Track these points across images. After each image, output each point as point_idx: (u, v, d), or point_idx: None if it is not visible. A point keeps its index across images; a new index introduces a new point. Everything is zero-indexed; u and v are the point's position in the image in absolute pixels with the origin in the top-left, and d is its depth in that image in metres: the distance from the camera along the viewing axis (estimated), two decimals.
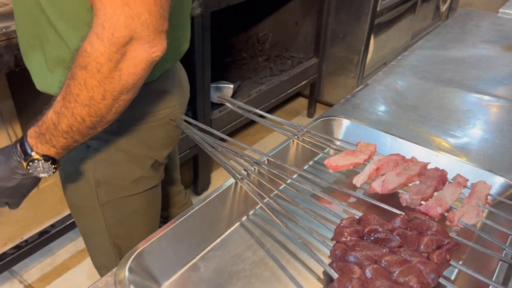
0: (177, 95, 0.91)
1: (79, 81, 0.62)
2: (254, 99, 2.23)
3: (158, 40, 0.61)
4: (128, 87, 0.63)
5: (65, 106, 0.65)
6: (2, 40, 1.13)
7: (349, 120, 0.97)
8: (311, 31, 2.59)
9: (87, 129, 0.68)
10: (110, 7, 0.57)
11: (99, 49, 0.59)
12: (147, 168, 0.91)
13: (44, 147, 0.69)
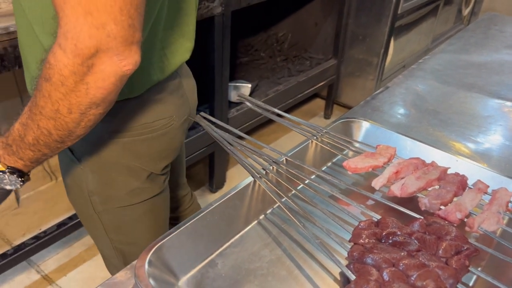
0: (175, 105, 0.85)
1: (43, 93, 0.58)
2: (271, 99, 2.23)
3: (129, 53, 0.56)
4: (97, 102, 0.59)
5: (31, 118, 0.62)
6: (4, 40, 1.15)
7: (369, 123, 0.97)
8: (331, 32, 2.58)
9: (55, 143, 0.64)
10: (72, 16, 0.52)
11: (62, 61, 0.55)
12: (142, 179, 0.87)
13: (11, 159, 0.67)
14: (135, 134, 0.81)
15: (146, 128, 0.81)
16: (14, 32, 1.13)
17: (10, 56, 1.14)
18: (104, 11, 0.52)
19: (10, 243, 1.78)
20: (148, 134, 0.82)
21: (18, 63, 1.16)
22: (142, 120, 0.80)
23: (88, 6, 0.51)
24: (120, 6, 0.53)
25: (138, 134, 0.81)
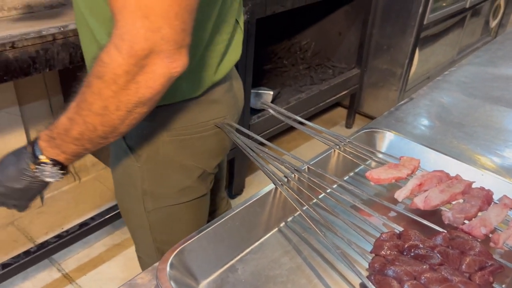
0: (228, 105, 0.89)
1: (94, 90, 0.61)
2: (292, 107, 2.23)
3: (179, 56, 0.59)
4: (144, 101, 0.61)
5: (78, 113, 0.64)
6: (59, 39, 1.19)
7: (393, 133, 0.96)
8: (355, 42, 2.57)
9: (98, 138, 0.66)
10: (130, 19, 0.55)
11: (117, 61, 0.57)
12: (194, 178, 0.90)
13: (53, 152, 0.68)
14: (192, 133, 0.84)
15: (202, 127, 0.85)
16: (46, 36, 1.16)
17: (41, 59, 1.17)
18: (161, 16, 0.55)
19: (33, 241, 1.83)
20: (203, 132, 0.86)
21: (49, 65, 1.20)
22: (199, 119, 0.84)
23: (146, 10, 0.54)
24: (176, 12, 0.56)
25: (195, 133, 0.85)
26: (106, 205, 1.98)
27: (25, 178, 0.70)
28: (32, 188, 0.73)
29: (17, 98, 1.73)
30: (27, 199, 0.75)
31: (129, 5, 0.54)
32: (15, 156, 0.71)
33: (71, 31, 1.21)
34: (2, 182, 0.71)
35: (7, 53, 1.10)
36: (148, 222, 0.95)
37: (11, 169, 0.71)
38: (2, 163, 0.73)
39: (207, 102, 0.84)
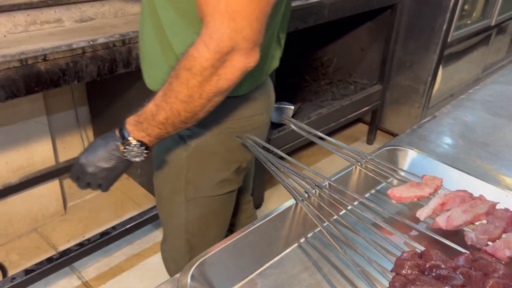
0: (266, 103, 1.00)
1: (182, 80, 0.71)
2: (313, 122, 2.24)
3: (253, 52, 0.70)
4: (222, 91, 0.72)
5: (165, 100, 0.74)
6: (88, 52, 1.23)
7: (415, 151, 0.96)
8: (377, 58, 2.57)
9: (180, 123, 0.77)
10: (219, 20, 0.66)
11: (205, 56, 0.68)
12: (232, 170, 0.99)
13: (140, 134, 0.79)
14: (237, 127, 0.94)
15: (246, 121, 0.95)
16: (76, 49, 1.20)
17: (71, 71, 1.21)
18: (245, 18, 0.66)
19: (56, 248, 1.86)
20: (246, 127, 0.95)
21: (78, 77, 1.24)
22: (244, 114, 0.94)
23: (233, 14, 0.66)
24: (257, 15, 0.67)
25: (238, 127, 0.94)
26: (127, 214, 2.00)
27: (113, 158, 0.82)
28: (118, 168, 0.84)
29: (46, 108, 1.78)
30: (112, 178, 0.86)
31: (220, 9, 0.66)
32: (103, 140, 0.82)
33: (99, 45, 1.25)
34: (94, 162, 0.82)
35: (39, 65, 1.15)
36: (186, 211, 1.02)
37: (101, 150, 0.82)
38: (91, 146, 0.84)
39: (250, 99, 0.94)
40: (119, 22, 1.69)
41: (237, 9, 0.66)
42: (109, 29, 1.60)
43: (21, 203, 1.86)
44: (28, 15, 1.52)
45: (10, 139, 1.72)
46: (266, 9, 0.69)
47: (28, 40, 1.39)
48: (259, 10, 0.67)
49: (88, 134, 2.01)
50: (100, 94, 1.87)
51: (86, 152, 0.84)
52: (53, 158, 1.90)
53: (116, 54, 1.30)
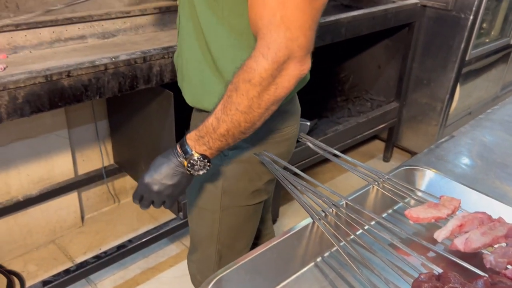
0: (296, 115, 1.04)
1: (242, 92, 0.75)
2: (329, 138, 2.24)
3: (307, 59, 0.74)
4: (279, 99, 0.76)
5: (225, 113, 0.78)
6: (110, 68, 1.26)
7: (433, 172, 0.96)
8: (394, 75, 2.57)
9: (239, 134, 0.80)
10: (275, 31, 0.70)
11: (264, 66, 0.71)
12: (264, 181, 1.02)
13: (201, 148, 0.83)
14: (270, 138, 0.98)
15: (279, 132, 0.99)
16: (99, 66, 1.23)
17: (93, 87, 1.24)
18: (299, 27, 0.70)
19: (72, 260, 1.88)
20: (278, 138, 0.99)
21: (100, 93, 1.27)
22: (278, 126, 0.98)
23: (288, 23, 0.69)
24: (310, 24, 0.71)
25: (271, 138, 0.98)
26: (143, 228, 2.02)
27: (177, 174, 0.85)
28: (182, 183, 0.87)
29: (67, 122, 1.83)
30: (176, 194, 0.88)
31: (275, 21, 0.70)
32: (165, 158, 0.86)
33: (121, 62, 1.29)
34: (159, 180, 0.86)
35: (63, 81, 1.18)
36: (219, 221, 1.04)
37: (165, 168, 0.85)
38: (153, 165, 0.87)
39: (282, 111, 0.96)
40: (140, 39, 1.74)
41: (292, 20, 0.69)
42: (130, 46, 1.64)
43: (40, 215, 1.89)
44: (53, 32, 1.57)
45: (32, 151, 1.76)
46: (317, 17, 0.73)
47: (52, 56, 1.43)
48: (311, 19, 0.71)
49: (107, 147, 2.05)
50: (120, 109, 1.91)
51: (149, 171, 0.87)
52: (73, 171, 1.93)
53: (137, 71, 1.33)
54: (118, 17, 1.71)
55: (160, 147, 1.64)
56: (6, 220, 1.78)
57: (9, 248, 1.84)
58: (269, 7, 0.70)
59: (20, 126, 1.69)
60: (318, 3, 0.72)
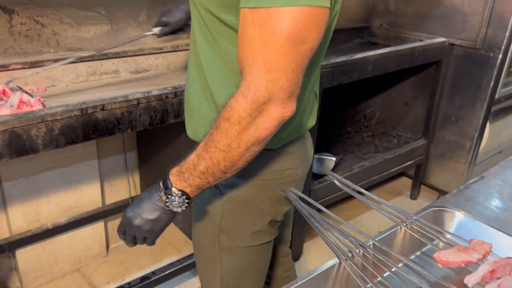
0: (301, 157, 1.01)
1: (221, 130, 0.75)
2: (355, 174, 2.22)
3: (290, 103, 0.73)
4: (260, 140, 0.75)
5: (206, 150, 0.78)
6: (142, 103, 1.31)
7: (462, 214, 0.94)
8: (421, 112, 2.56)
9: (220, 173, 0.79)
10: (256, 72, 0.70)
11: (243, 105, 0.72)
12: (265, 222, 1.00)
13: (182, 184, 0.82)
14: (270, 179, 0.96)
15: (280, 174, 0.97)
16: (132, 100, 1.28)
17: (125, 120, 1.29)
18: (280, 70, 0.70)
19: None
20: (280, 180, 0.97)
21: (131, 126, 1.31)
22: (277, 167, 0.96)
23: (269, 66, 0.70)
24: (293, 68, 0.71)
25: (272, 179, 0.96)
26: (166, 259, 2.03)
27: (157, 209, 0.85)
28: (162, 219, 0.86)
29: (97, 152, 1.88)
30: (157, 230, 0.88)
31: (257, 62, 0.70)
32: (148, 192, 0.86)
33: (153, 96, 1.33)
34: (139, 213, 0.85)
35: (97, 114, 1.23)
36: (220, 261, 1.03)
37: (146, 202, 0.85)
38: (137, 200, 0.87)
39: (284, 153, 0.96)
40: (171, 74, 1.80)
41: (273, 62, 0.70)
42: (162, 81, 1.70)
43: (67, 243, 1.92)
44: (89, 67, 1.64)
45: (63, 180, 1.81)
46: (301, 62, 0.72)
47: (88, 89, 1.50)
48: (295, 63, 0.71)
49: (135, 178, 2.09)
50: (149, 141, 1.95)
51: (132, 205, 0.88)
52: (100, 200, 1.97)
53: (168, 105, 1.37)
54: (151, 53, 1.78)
55: None
56: (34, 247, 1.82)
57: (35, 275, 1.87)
58: (253, 47, 0.71)
59: (53, 156, 1.74)
60: (304, 49, 0.71)
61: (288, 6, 0.68)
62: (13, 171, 1.66)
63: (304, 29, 0.69)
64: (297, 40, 0.69)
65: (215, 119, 0.78)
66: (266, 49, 0.69)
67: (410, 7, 2.55)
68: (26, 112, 1.15)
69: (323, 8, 0.70)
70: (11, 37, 1.51)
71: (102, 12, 1.69)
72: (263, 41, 0.70)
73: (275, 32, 0.69)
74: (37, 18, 1.55)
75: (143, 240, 0.89)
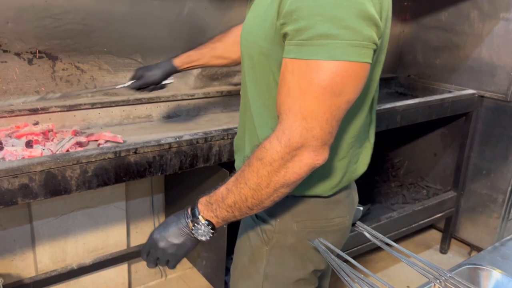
0: (348, 207, 1.02)
1: (253, 168, 0.78)
2: (383, 225, 2.17)
3: (322, 151, 0.76)
4: (289, 183, 0.77)
5: (235, 185, 0.81)
6: (174, 147, 1.33)
7: (500, 273, 0.90)
8: (451, 164, 2.51)
9: (246, 209, 0.81)
10: (292, 118, 0.74)
11: (276, 148, 0.75)
12: (309, 271, 0.99)
13: (209, 214, 0.84)
14: (317, 227, 0.97)
15: (327, 222, 0.98)
16: (164, 144, 1.31)
17: (156, 164, 1.31)
18: (315, 119, 0.73)
19: None
20: (326, 228, 0.98)
21: (162, 170, 1.33)
22: (325, 215, 0.97)
23: (305, 114, 0.73)
24: (327, 118, 0.74)
25: (319, 227, 0.97)
26: None
27: (183, 235, 0.87)
28: (186, 245, 0.88)
29: (125, 194, 1.91)
30: (179, 255, 0.90)
31: (294, 109, 0.74)
32: (176, 217, 0.89)
33: (184, 141, 1.36)
34: (165, 237, 0.88)
35: (130, 157, 1.26)
36: None
37: (173, 227, 0.88)
38: (164, 223, 0.90)
39: (332, 202, 0.97)
40: (201, 120, 1.84)
41: (309, 110, 0.73)
42: (192, 126, 1.74)
43: (90, 284, 1.92)
44: (123, 111, 1.70)
45: (91, 221, 1.83)
46: (336, 113, 0.75)
47: (121, 132, 1.54)
48: (330, 113, 0.74)
49: (160, 221, 2.09)
50: (176, 184, 1.97)
51: (159, 227, 0.90)
52: (125, 242, 1.98)
53: (198, 150, 1.39)
54: (183, 99, 1.84)
55: None
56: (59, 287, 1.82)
57: None
58: (291, 95, 0.75)
59: (83, 196, 1.78)
60: (340, 101, 0.74)
61: (327, 60, 0.71)
62: (44, 210, 1.70)
63: (341, 83, 0.72)
64: (333, 92, 0.73)
65: (248, 156, 0.81)
66: (303, 98, 0.73)
67: (438, 59, 2.57)
68: (63, 153, 1.19)
69: (363, 64, 0.73)
70: (53, 82, 1.59)
71: (138, 59, 1.77)
72: (301, 90, 0.73)
73: (312, 83, 0.72)
74: (78, 64, 1.63)
75: (166, 262, 0.90)
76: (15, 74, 1.52)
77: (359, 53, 0.72)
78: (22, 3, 1.46)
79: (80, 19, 1.58)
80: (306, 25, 0.72)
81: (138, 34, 1.73)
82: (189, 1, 1.82)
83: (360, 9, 0.71)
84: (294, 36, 0.74)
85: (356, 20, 0.71)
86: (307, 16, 0.72)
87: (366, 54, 0.73)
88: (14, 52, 1.50)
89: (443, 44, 2.52)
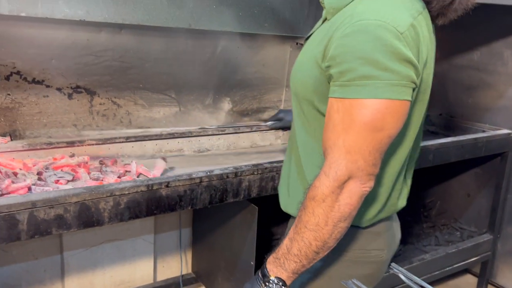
0: (388, 240, 1.03)
1: (308, 210, 0.81)
2: (415, 267, 2.09)
3: (368, 180, 0.81)
4: (345, 215, 0.80)
5: (297, 232, 0.83)
6: (204, 181, 1.34)
7: None
8: (486, 205, 2.43)
9: (313, 253, 0.83)
10: (337, 153, 0.79)
11: (325, 183, 0.79)
12: None
13: (278, 270, 0.86)
14: (353, 256, 0.98)
15: (363, 253, 0.99)
16: (195, 178, 1.32)
17: (187, 198, 1.32)
18: (358, 152, 0.78)
19: None
20: (363, 259, 0.99)
21: (192, 204, 1.34)
22: (363, 246, 0.99)
23: (349, 148, 0.79)
24: (370, 151, 0.79)
25: (356, 257, 0.98)
26: None
27: None
28: None
29: (154, 227, 1.91)
30: None
31: (338, 144, 0.79)
32: (249, 283, 0.91)
33: (215, 176, 1.37)
34: None
35: (162, 190, 1.27)
36: None
37: None
38: None
39: (371, 233, 0.99)
40: (231, 155, 1.86)
41: (352, 145, 0.78)
42: (222, 160, 1.75)
43: None
44: (156, 145, 1.74)
45: (119, 254, 1.84)
46: (379, 147, 0.80)
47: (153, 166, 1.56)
48: (372, 146, 0.79)
49: (187, 255, 2.08)
50: (205, 218, 1.97)
51: None
52: (152, 276, 1.97)
53: (228, 185, 1.40)
54: (214, 133, 1.87)
55: (239, 261, 1.63)
56: None
57: None
58: (335, 131, 0.80)
59: (113, 228, 1.80)
60: (381, 135, 0.79)
61: (369, 98, 0.76)
62: (75, 241, 1.72)
63: (382, 119, 0.77)
64: (375, 128, 0.77)
65: (301, 201, 0.84)
66: (347, 133, 0.79)
67: (471, 98, 2.54)
68: (97, 185, 1.22)
69: (402, 101, 0.78)
70: (90, 116, 1.65)
71: (172, 95, 1.82)
72: (345, 126, 0.79)
73: (355, 120, 0.78)
74: (115, 99, 1.69)
75: None
76: (55, 107, 1.58)
77: (398, 92, 0.78)
78: (66, 42, 1.54)
79: (118, 57, 1.64)
80: (349, 68, 0.79)
81: (173, 71, 1.79)
82: (222, 40, 1.88)
83: (397, 52, 0.77)
84: (338, 77, 0.81)
85: (394, 62, 0.77)
86: (349, 59, 0.79)
87: (405, 92, 0.79)
88: (56, 87, 1.57)
89: (475, 83, 2.49)
